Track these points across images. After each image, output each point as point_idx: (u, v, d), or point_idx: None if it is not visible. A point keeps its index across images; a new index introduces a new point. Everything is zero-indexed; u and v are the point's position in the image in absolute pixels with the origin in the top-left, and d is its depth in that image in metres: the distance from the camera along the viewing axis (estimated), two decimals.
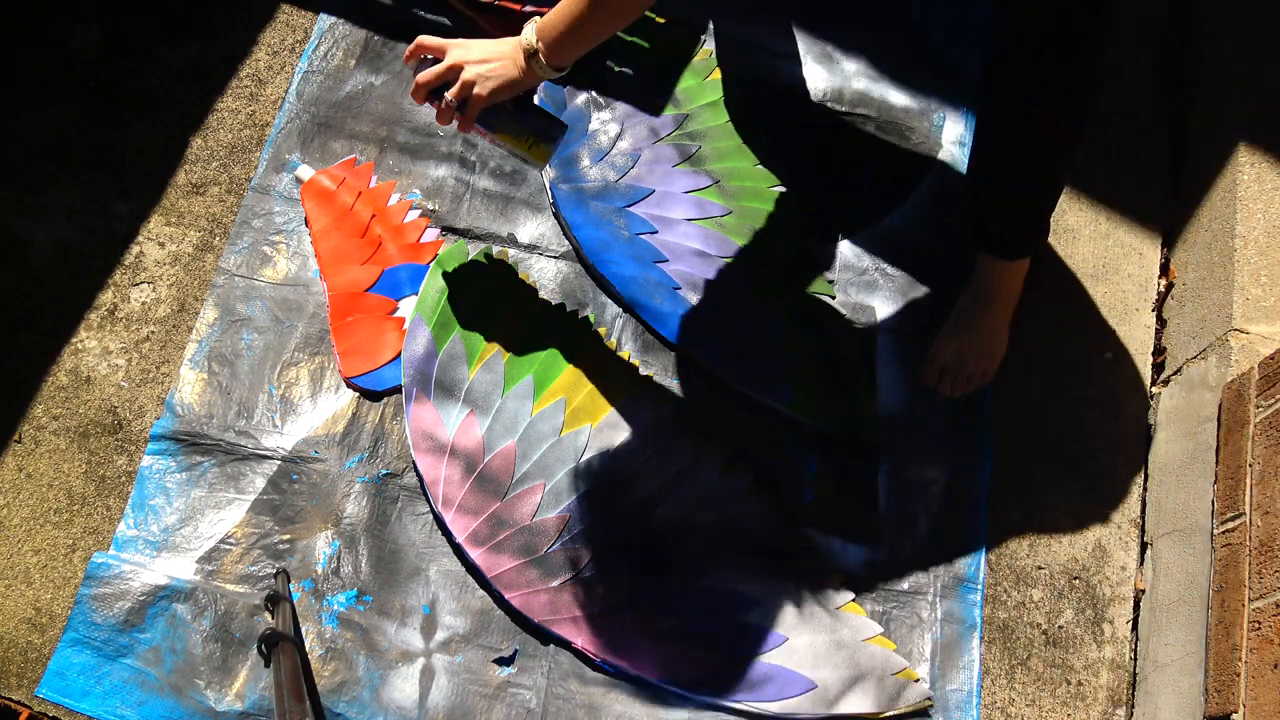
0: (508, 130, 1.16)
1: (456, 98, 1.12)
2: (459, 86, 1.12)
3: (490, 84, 1.12)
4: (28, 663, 1.18)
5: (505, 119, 1.16)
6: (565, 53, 1.11)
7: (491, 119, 1.16)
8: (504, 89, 1.12)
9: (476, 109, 1.13)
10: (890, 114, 1.50)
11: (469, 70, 1.11)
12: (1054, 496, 1.31)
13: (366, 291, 1.35)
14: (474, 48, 1.13)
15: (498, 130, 1.16)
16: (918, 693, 1.20)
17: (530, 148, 1.17)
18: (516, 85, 1.13)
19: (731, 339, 1.34)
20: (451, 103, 1.12)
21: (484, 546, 1.22)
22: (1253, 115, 1.37)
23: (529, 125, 1.17)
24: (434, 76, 1.13)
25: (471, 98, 1.12)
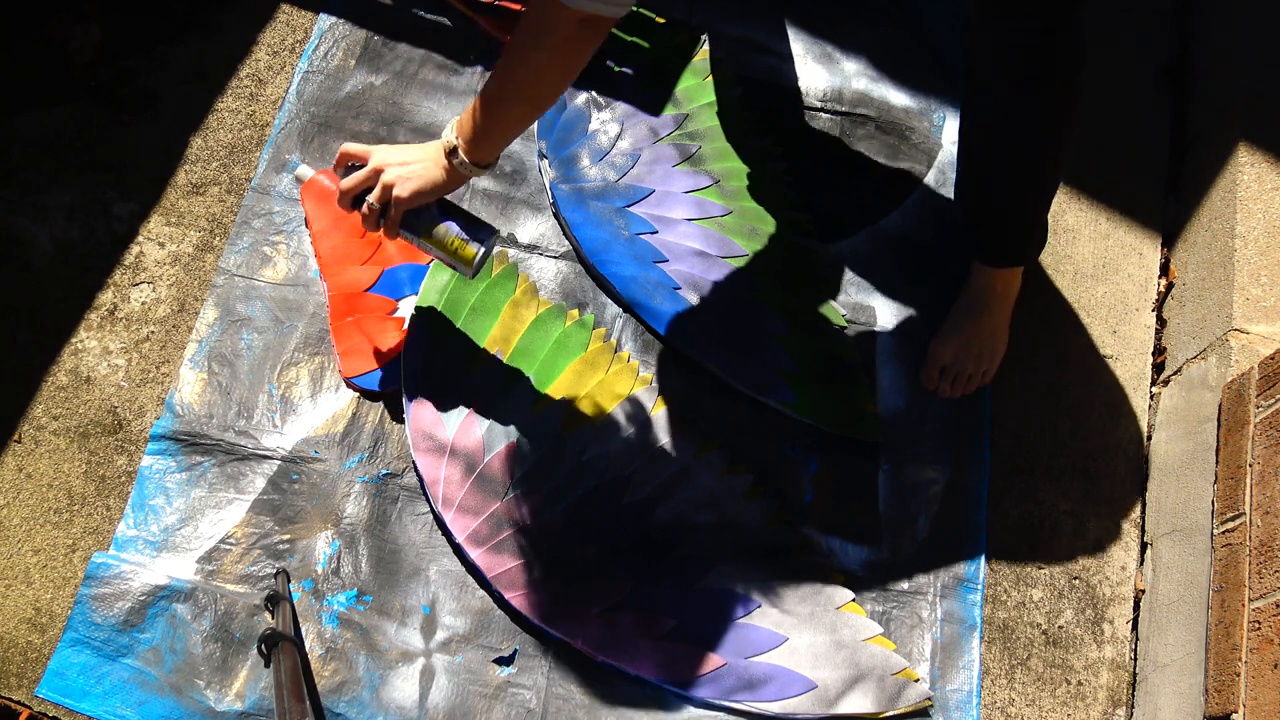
0: (429, 235, 1.14)
1: (378, 201, 1.11)
2: (379, 189, 1.10)
3: (410, 185, 1.10)
4: (28, 663, 1.18)
5: (428, 222, 1.14)
6: (485, 149, 1.09)
7: (416, 222, 1.14)
8: (425, 191, 1.11)
9: (399, 212, 1.11)
10: (890, 114, 1.50)
11: (389, 173, 1.10)
12: (1054, 496, 1.31)
13: (366, 291, 1.35)
14: (397, 151, 1.11)
15: (420, 234, 1.14)
16: (918, 693, 1.20)
17: (455, 251, 1.15)
18: (440, 187, 1.11)
19: (732, 339, 1.34)
20: (375, 206, 1.11)
21: (484, 546, 1.22)
22: (1253, 115, 1.37)
23: (454, 230, 1.15)
24: (356, 182, 1.12)
25: (392, 200, 1.10)
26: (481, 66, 1.49)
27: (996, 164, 1.21)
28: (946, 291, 1.38)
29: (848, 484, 1.30)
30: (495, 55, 1.50)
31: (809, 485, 1.29)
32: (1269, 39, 1.41)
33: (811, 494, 1.29)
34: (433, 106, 1.47)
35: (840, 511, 1.28)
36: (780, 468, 1.30)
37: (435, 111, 1.47)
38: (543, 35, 1.01)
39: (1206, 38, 1.52)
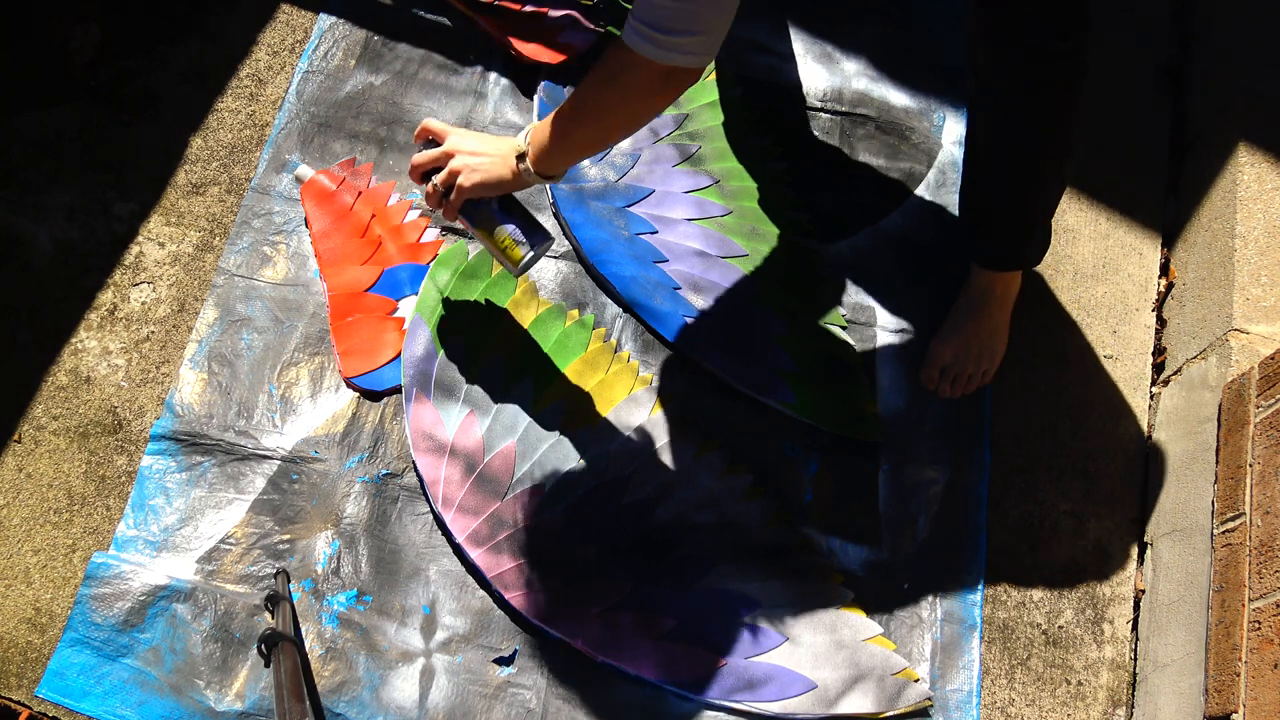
0: (486, 227, 1.17)
1: (442, 184, 1.14)
2: (445, 174, 1.13)
3: (475, 177, 1.12)
4: (28, 663, 1.18)
5: (487, 215, 1.16)
6: (553, 163, 1.11)
7: (475, 213, 1.16)
8: (488, 185, 1.13)
9: (460, 199, 1.14)
10: (890, 114, 1.50)
11: (458, 159, 1.12)
12: (1054, 496, 1.31)
13: (366, 291, 1.35)
14: (471, 140, 1.14)
15: (478, 225, 1.17)
16: (918, 693, 1.20)
17: (504, 249, 1.17)
18: (503, 185, 1.13)
19: (732, 339, 1.34)
20: (438, 188, 1.14)
21: (484, 546, 1.22)
22: (1253, 115, 1.37)
23: (508, 227, 1.16)
24: (428, 160, 1.15)
25: (456, 187, 1.13)
26: (481, 66, 1.49)
27: (998, 166, 1.21)
28: (946, 291, 1.38)
29: (848, 484, 1.30)
30: (495, 55, 1.50)
31: (809, 485, 1.29)
32: (1269, 39, 1.41)
33: (811, 494, 1.29)
34: (433, 106, 1.47)
35: (840, 511, 1.28)
36: (780, 468, 1.30)
37: (435, 111, 1.47)
38: (620, 74, 1.02)
39: (1206, 38, 1.52)
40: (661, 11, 0.95)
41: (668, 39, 0.95)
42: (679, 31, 0.95)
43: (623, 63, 1.01)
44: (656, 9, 0.95)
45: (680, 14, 0.95)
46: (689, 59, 0.98)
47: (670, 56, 0.97)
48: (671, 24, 0.95)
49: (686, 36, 0.96)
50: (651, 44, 0.96)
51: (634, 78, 1.01)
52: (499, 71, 1.49)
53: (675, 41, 0.96)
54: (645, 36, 0.96)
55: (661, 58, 0.97)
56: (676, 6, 0.94)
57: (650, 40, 0.96)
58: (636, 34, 0.97)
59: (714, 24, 0.97)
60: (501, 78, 1.49)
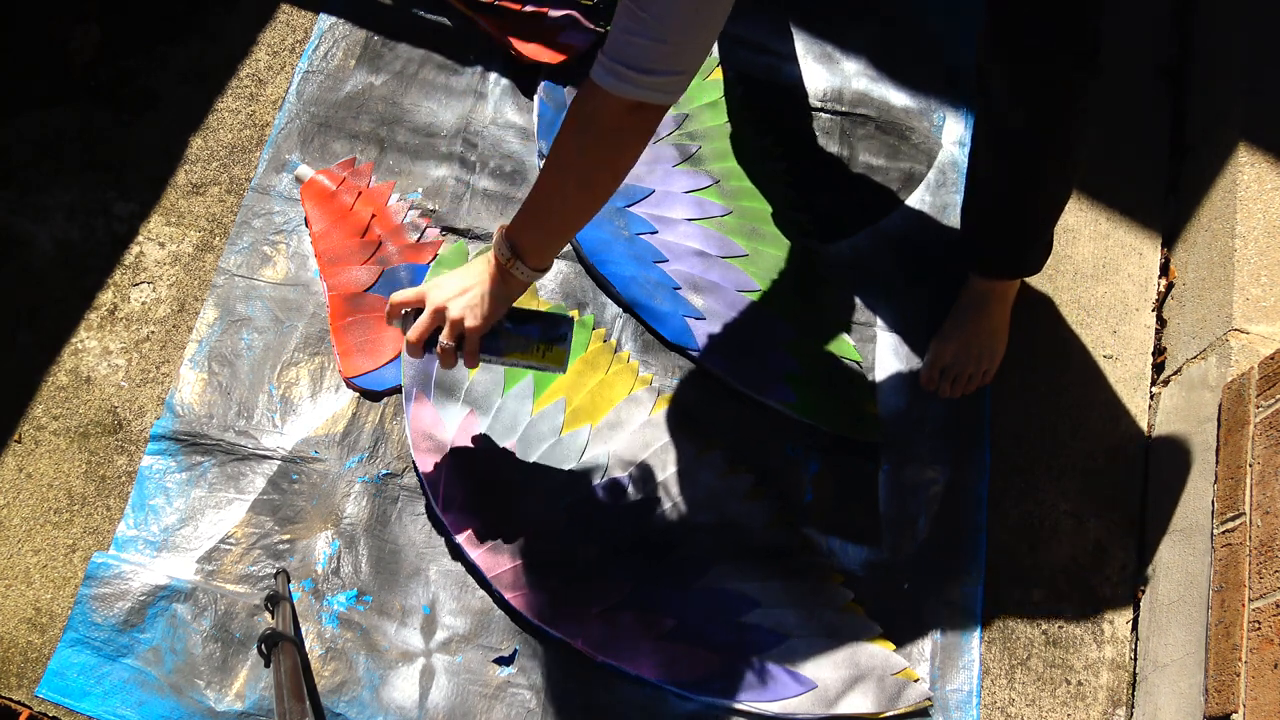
0: (515, 349, 1.12)
1: (451, 339, 1.07)
2: (448, 328, 1.07)
3: (478, 311, 1.06)
4: (28, 663, 1.18)
5: (508, 339, 1.12)
6: (543, 253, 1.07)
7: (495, 343, 1.11)
8: (494, 311, 1.07)
9: (475, 341, 1.08)
10: (890, 114, 1.50)
11: (452, 308, 1.06)
12: (1054, 496, 1.31)
13: (366, 291, 1.35)
14: (447, 284, 1.08)
15: (505, 353, 1.12)
16: (918, 693, 1.20)
17: (544, 356, 1.13)
18: (505, 301, 1.08)
19: (732, 339, 1.34)
20: (449, 346, 1.08)
21: (484, 546, 1.22)
22: (1253, 115, 1.37)
23: (535, 334, 1.12)
24: (423, 329, 1.07)
25: (465, 333, 1.07)
26: (481, 66, 1.49)
27: (1000, 170, 1.20)
28: (946, 291, 1.38)
29: (848, 484, 1.30)
30: (495, 55, 1.50)
31: (809, 485, 1.29)
32: (1269, 39, 1.41)
33: (812, 494, 1.29)
34: (432, 106, 1.47)
35: (840, 511, 1.28)
36: (781, 468, 1.30)
37: (435, 111, 1.47)
38: (589, 124, 0.99)
39: (1206, 38, 1.52)
40: (636, 49, 0.92)
41: (642, 77, 0.93)
42: (656, 71, 0.93)
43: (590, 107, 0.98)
44: (631, 45, 0.92)
45: (655, 52, 0.92)
46: (660, 96, 0.95)
47: (640, 92, 0.94)
48: (649, 63, 0.92)
49: (662, 76, 0.93)
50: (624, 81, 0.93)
51: (606, 122, 0.97)
52: (499, 71, 1.49)
53: (650, 80, 0.93)
54: (619, 75, 0.93)
55: (630, 93, 0.94)
56: (655, 46, 0.91)
57: (624, 79, 0.93)
58: (608, 73, 0.94)
59: (691, 64, 0.95)
60: (501, 78, 1.49)
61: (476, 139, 1.45)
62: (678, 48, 0.93)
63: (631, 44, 0.92)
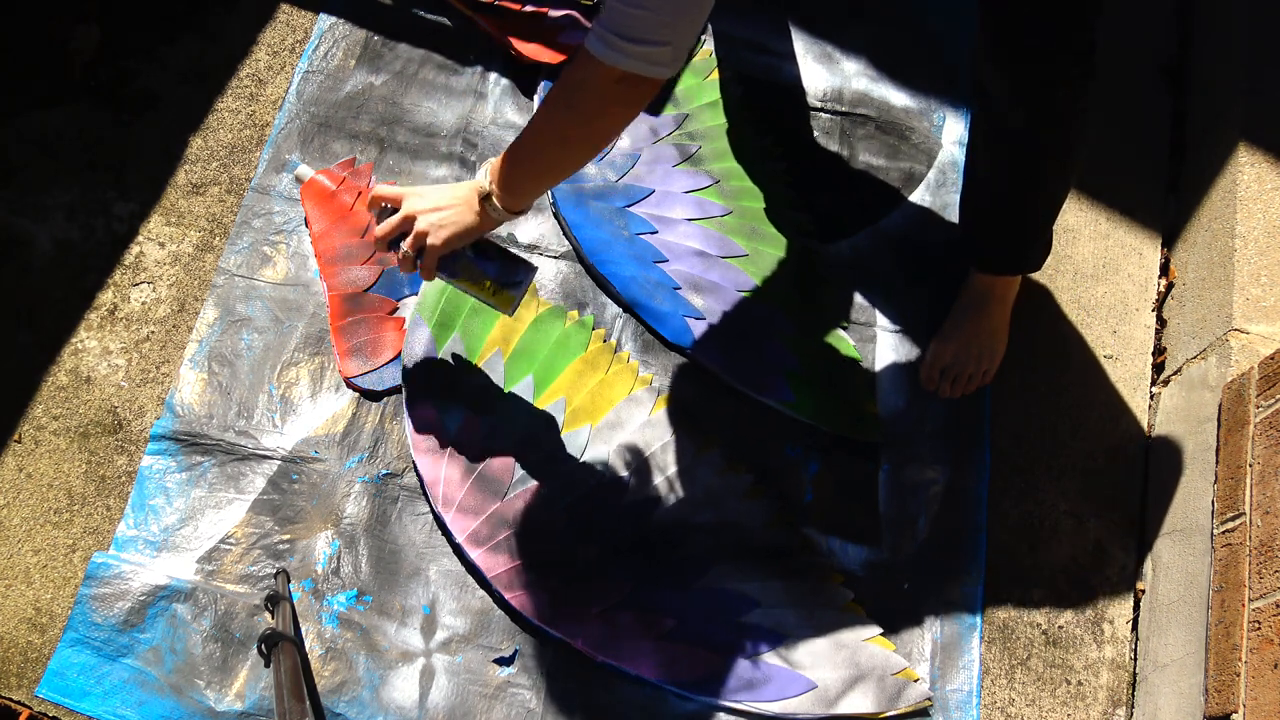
0: (468, 277, 1.14)
1: (412, 248, 1.10)
2: (413, 237, 1.10)
3: (444, 232, 1.09)
4: (28, 663, 1.18)
5: (465, 265, 1.14)
6: (520, 196, 1.08)
7: (452, 265, 1.13)
8: (459, 236, 1.10)
9: (434, 258, 1.11)
10: (890, 114, 1.50)
11: (422, 220, 1.09)
12: (1054, 496, 1.31)
13: (366, 291, 1.35)
14: (428, 195, 1.10)
15: (458, 277, 1.14)
16: (918, 693, 1.20)
17: (493, 294, 1.15)
18: (472, 231, 1.10)
19: (732, 339, 1.34)
20: (409, 254, 1.11)
21: (484, 546, 1.22)
22: (1253, 115, 1.37)
23: (490, 272, 1.14)
24: (390, 228, 1.11)
25: (426, 247, 1.10)
26: (481, 66, 1.49)
27: (998, 168, 1.20)
28: (946, 291, 1.38)
29: (848, 484, 1.30)
30: (495, 55, 1.50)
31: (809, 485, 1.29)
32: (1269, 39, 1.41)
33: (811, 494, 1.29)
34: (432, 106, 1.47)
35: (840, 511, 1.28)
36: (780, 468, 1.30)
37: (435, 111, 1.47)
38: (576, 90, 1.00)
39: (1206, 38, 1.52)
40: (633, 19, 0.93)
41: (634, 47, 0.94)
42: (649, 41, 0.94)
43: (578, 79, 0.99)
44: (628, 16, 0.93)
45: (652, 23, 0.93)
46: (653, 69, 0.96)
47: (631, 63, 0.94)
48: (642, 33, 0.93)
49: (655, 47, 0.94)
50: (615, 50, 0.94)
51: (593, 89, 0.98)
52: (499, 71, 1.49)
53: (642, 50, 0.94)
54: (610, 44, 0.94)
55: (621, 63, 0.94)
56: (649, 16, 0.92)
57: (615, 48, 0.94)
58: (600, 41, 0.95)
59: (684, 36, 0.96)
60: (501, 78, 1.49)
61: (476, 139, 1.45)
62: (670, 18, 0.94)
63: (625, 13, 0.93)
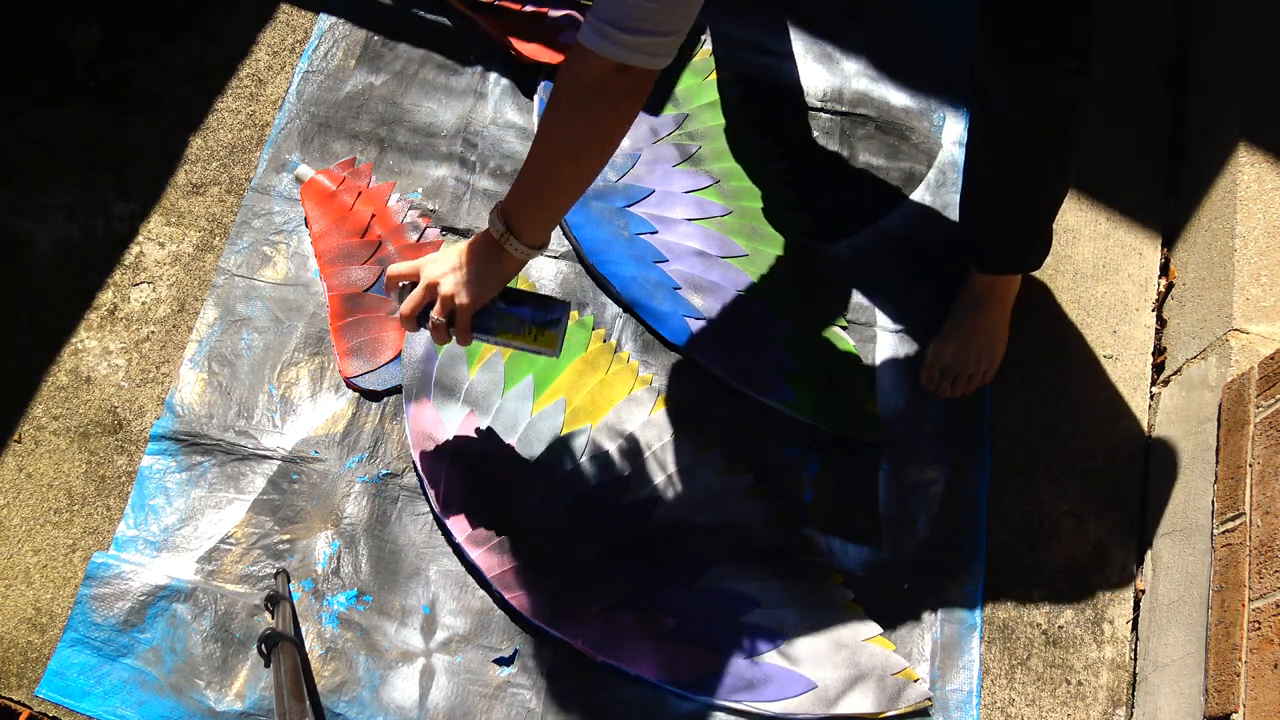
0: (506, 328, 1.10)
1: (443, 315, 1.06)
2: (440, 303, 1.05)
3: (471, 291, 1.05)
4: (28, 663, 1.18)
5: (499, 317, 1.09)
6: (538, 229, 1.05)
7: (487, 322, 1.09)
8: (485, 289, 1.06)
9: (467, 317, 1.06)
10: (890, 114, 1.50)
11: (445, 284, 1.05)
12: (1054, 496, 1.31)
13: (366, 291, 1.35)
14: (442, 259, 1.07)
15: (497, 332, 1.09)
16: (918, 693, 1.20)
17: (535, 339, 1.10)
18: (498, 279, 1.07)
19: (732, 339, 1.34)
20: (440, 321, 1.06)
21: (484, 546, 1.22)
22: (1253, 115, 1.37)
23: (527, 315, 1.10)
24: (416, 302, 1.07)
25: (457, 309, 1.06)
26: (481, 66, 1.49)
27: (997, 168, 1.20)
28: (946, 291, 1.38)
29: (848, 484, 1.30)
30: (495, 55, 1.50)
31: (809, 485, 1.29)
32: (1269, 40, 1.41)
33: (811, 494, 1.29)
34: (433, 106, 1.47)
35: (840, 511, 1.28)
36: (780, 468, 1.30)
37: (435, 111, 1.47)
38: (575, 87, 0.98)
39: (1206, 38, 1.52)
40: (629, 9, 0.92)
41: (631, 38, 0.93)
42: (646, 31, 0.93)
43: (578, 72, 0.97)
44: (624, 6, 0.92)
45: (649, 13, 0.92)
46: (652, 60, 0.95)
47: (629, 55, 0.93)
48: (639, 23, 0.92)
49: (652, 37, 0.93)
50: (612, 42, 0.93)
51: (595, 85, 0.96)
52: (499, 71, 1.49)
53: (639, 41, 0.93)
54: (606, 35, 0.93)
55: (619, 55, 0.93)
56: (645, 5, 0.92)
57: (612, 39, 0.93)
58: (596, 34, 0.94)
59: (680, 24, 0.95)
60: (501, 78, 1.49)
61: (476, 139, 1.45)
62: (663, 7, 0.92)
63: (621, 4, 0.92)
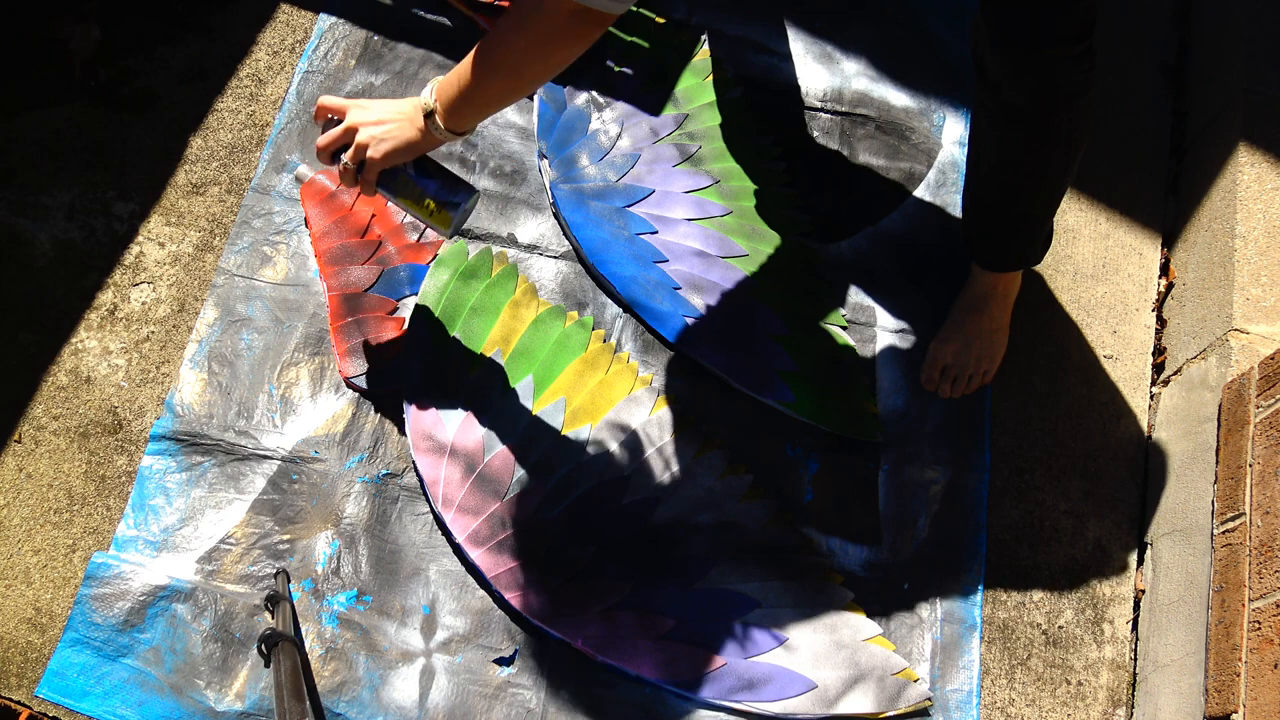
0: (406, 194, 1.12)
1: (352, 161, 1.08)
2: (353, 149, 1.08)
3: (384, 146, 1.07)
4: (28, 663, 1.18)
5: (405, 182, 1.11)
6: (464, 118, 1.07)
7: (392, 182, 1.11)
8: (399, 151, 1.08)
9: (374, 172, 1.09)
10: (890, 114, 1.50)
11: (363, 132, 1.07)
12: (1054, 496, 1.31)
13: (366, 291, 1.35)
14: (373, 109, 1.09)
15: (397, 194, 1.12)
16: (918, 693, 1.20)
17: (431, 214, 1.13)
18: (414, 147, 1.09)
19: (732, 339, 1.34)
20: (349, 167, 1.09)
21: (484, 546, 1.22)
22: (1253, 115, 1.37)
23: (430, 190, 1.11)
24: (332, 140, 1.09)
25: (366, 160, 1.08)
26: None
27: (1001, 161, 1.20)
28: (946, 291, 1.38)
29: (848, 484, 1.30)
30: None
31: (809, 485, 1.29)
32: (1268, 40, 1.41)
33: (811, 494, 1.29)
34: None
35: (840, 511, 1.28)
36: (780, 468, 1.30)
37: None
38: (529, 17, 0.99)
39: (1206, 38, 1.52)
40: None
41: None
42: None
43: (532, 6, 0.97)
44: None
45: None
46: (609, 4, 0.95)
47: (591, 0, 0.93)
48: None
49: None
50: None
51: (546, 21, 0.97)
52: None
53: None
54: None
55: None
56: None
57: None
58: None
59: None
60: None
61: (476, 139, 1.45)
62: None
63: None
